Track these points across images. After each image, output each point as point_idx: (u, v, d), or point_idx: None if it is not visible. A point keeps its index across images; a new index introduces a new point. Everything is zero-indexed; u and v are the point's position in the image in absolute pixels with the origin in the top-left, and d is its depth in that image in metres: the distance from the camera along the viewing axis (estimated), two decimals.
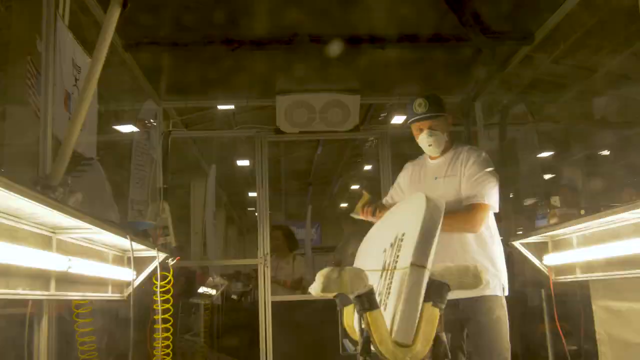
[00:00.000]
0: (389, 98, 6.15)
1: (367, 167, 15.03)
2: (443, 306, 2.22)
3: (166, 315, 4.20)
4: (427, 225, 2.22)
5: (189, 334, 6.78)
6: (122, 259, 3.78)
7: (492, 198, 3.18)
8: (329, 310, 2.69)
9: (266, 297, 5.35)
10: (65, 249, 2.96)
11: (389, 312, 2.21)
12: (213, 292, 7.14)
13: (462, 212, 3.19)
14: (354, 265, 3.06)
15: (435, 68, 5.30)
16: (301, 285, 6.65)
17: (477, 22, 4.37)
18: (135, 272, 3.99)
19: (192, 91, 5.71)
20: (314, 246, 16.60)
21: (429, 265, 2.18)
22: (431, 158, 3.46)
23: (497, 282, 3.21)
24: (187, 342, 6.49)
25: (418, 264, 2.13)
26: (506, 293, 3.23)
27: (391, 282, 2.31)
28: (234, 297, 8.47)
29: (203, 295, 6.88)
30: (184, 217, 11.78)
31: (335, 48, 4.75)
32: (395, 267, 2.33)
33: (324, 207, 21.04)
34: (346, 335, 2.66)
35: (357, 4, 4.36)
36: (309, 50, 4.78)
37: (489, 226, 3.30)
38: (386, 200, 3.66)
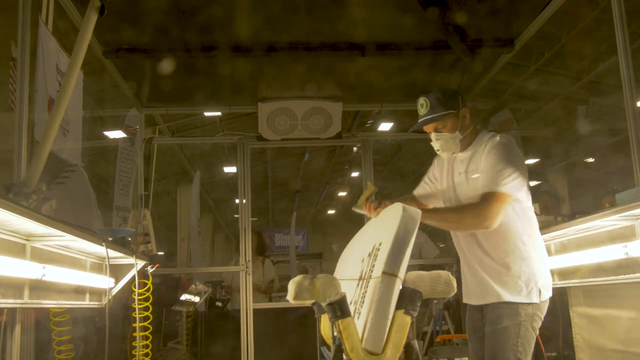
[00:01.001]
0: (371, 105, 6.16)
1: (355, 174, 15.07)
2: (415, 314, 2.23)
3: (145, 323, 4.17)
4: (400, 235, 2.23)
5: (172, 342, 6.75)
6: (100, 266, 3.75)
7: (509, 186, 2.67)
8: (310, 318, 2.69)
9: (248, 305, 5.33)
10: (40, 256, 2.94)
11: (362, 320, 2.21)
12: (196, 299, 7.10)
13: (471, 205, 2.78)
14: (335, 273, 3.07)
15: (417, 75, 5.32)
16: (273, 289, 6.67)
17: (457, 30, 4.40)
18: (113, 280, 3.97)
19: (174, 98, 5.70)
20: (300, 252, 16.62)
21: (401, 274, 2.18)
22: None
23: (518, 287, 2.72)
24: (170, 350, 6.45)
25: (389, 273, 2.14)
26: (542, 298, 2.71)
27: (366, 291, 2.31)
28: (219, 304, 8.41)
29: (186, 302, 6.84)
30: (172, 223, 11.76)
31: (316, 55, 4.77)
32: (370, 276, 2.33)
33: (311, 213, 21.09)
34: (324, 342, 2.66)
35: (339, 12, 4.38)
36: (290, 57, 4.79)
37: (514, 221, 2.78)
38: (417, 191, 3.26)
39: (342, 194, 18.05)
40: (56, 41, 3.74)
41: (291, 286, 2.27)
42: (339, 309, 2.20)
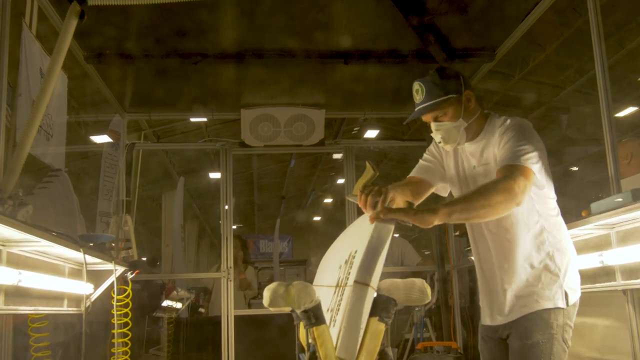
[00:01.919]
0: (354, 113, 6.18)
1: (341, 181, 15.15)
2: (389, 321, 2.24)
3: (124, 330, 4.14)
4: (372, 243, 2.22)
5: (154, 349, 6.71)
6: (79, 272, 3.73)
7: (530, 161, 2.24)
8: (291, 324, 2.69)
9: (229, 312, 5.31)
10: (17, 262, 2.92)
11: (337, 328, 2.22)
12: (178, 305, 7.07)
13: (493, 182, 2.24)
14: (315, 279, 3.07)
15: (400, 83, 5.35)
16: (250, 286, 6.65)
17: (438, 40, 4.43)
18: (92, 286, 3.95)
19: (157, 103, 5.69)
20: (285, 259, 16.62)
21: (374, 282, 2.19)
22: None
23: (550, 291, 2.34)
24: (151, 356, 6.42)
25: (361, 282, 2.14)
26: (571, 302, 2.33)
27: (342, 299, 2.32)
28: (202, 310, 8.39)
29: (168, 308, 6.81)
30: (158, 229, 11.73)
31: (300, 63, 4.79)
32: (346, 284, 2.33)
33: (297, 220, 21.10)
34: (302, 349, 2.66)
35: (322, 21, 4.40)
36: (274, 64, 4.80)
37: (535, 210, 2.40)
38: (415, 173, 2.71)
39: (327, 200, 18.07)
40: (40, 45, 3.73)
41: (266, 293, 2.27)
42: (314, 316, 2.21)
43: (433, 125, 2.50)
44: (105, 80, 4.93)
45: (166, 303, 6.69)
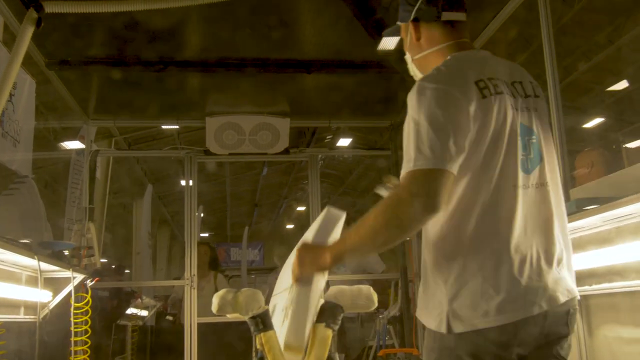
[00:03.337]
0: (319, 122, 6.23)
1: None
2: (336, 327, 2.28)
3: (83, 337, 4.13)
4: (318, 235, 2.04)
5: (119, 357, 6.68)
6: (37, 280, 3.71)
7: (415, 156, 1.59)
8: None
9: (192, 319, 5.31)
10: None
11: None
12: (144, 313, 7.03)
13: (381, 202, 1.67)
14: (275, 287, 3.11)
15: (364, 93, 5.40)
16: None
17: (399, 50, 4.49)
18: (51, 294, 3.94)
19: (122, 111, 5.68)
20: (256, 267, 16.60)
21: (312, 282, 2.10)
22: None
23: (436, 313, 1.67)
24: None
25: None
26: (457, 329, 1.60)
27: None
28: (170, 317, 8.35)
29: (133, 316, 6.78)
30: (129, 237, 11.65)
31: (264, 72, 4.82)
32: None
33: (269, 227, 21.08)
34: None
35: (287, 31, 4.44)
36: (239, 73, 4.83)
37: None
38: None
39: (300, 208, 18.08)
40: (7, 50, 3.70)
41: (214, 300, 2.30)
42: (262, 322, 2.25)
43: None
44: (68, 87, 4.90)
45: (131, 311, 6.66)
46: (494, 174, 1.65)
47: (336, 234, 2.08)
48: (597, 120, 11.51)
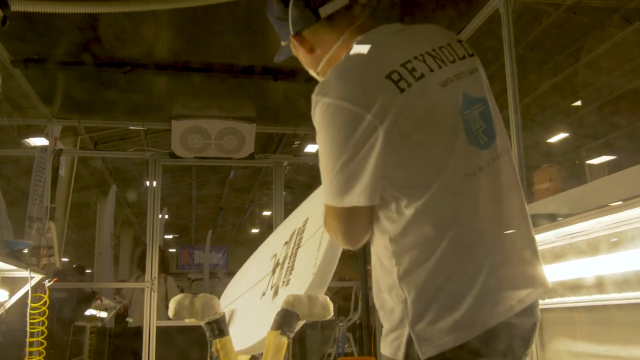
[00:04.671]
0: (285, 128, 6.25)
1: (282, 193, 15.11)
2: (292, 335, 2.31)
3: (40, 338, 4.08)
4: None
5: (76, 358, 6.60)
6: None
7: (325, 189, 1.45)
8: None
9: (151, 322, 5.28)
10: None
11: (296, 284, 2.35)
12: (103, 314, 6.96)
13: None
14: (226, 295, 3.14)
15: None
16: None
17: None
18: (8, 294, 3.89)
19: (87, 110, 5.64)
20: (220, 270, 16.47)
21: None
22: None
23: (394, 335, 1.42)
24: None
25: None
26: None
27: (295, 261, 2.43)
28: (130, 319, 8.28)
29: (91, 317, 6.71)
30: (92, 237, 11.49)
31: (231, 77, 4.84)
32: (300, 245, 2.44)
33: (234, 231, 21.01)
34: None
35: (255, 38, 4.46)
36: (206, 77, 4.83)
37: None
38: None
39: (266, 213, 18.06)
40: None
41: (171, 305, 2.32)
42: (217, 328, 2.27)
43: None
44: (33, 85, 4.86)
45: (89, 312, 6.59)
46: (440, 173, 1.39)
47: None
48: (561, 136, 11.76)
